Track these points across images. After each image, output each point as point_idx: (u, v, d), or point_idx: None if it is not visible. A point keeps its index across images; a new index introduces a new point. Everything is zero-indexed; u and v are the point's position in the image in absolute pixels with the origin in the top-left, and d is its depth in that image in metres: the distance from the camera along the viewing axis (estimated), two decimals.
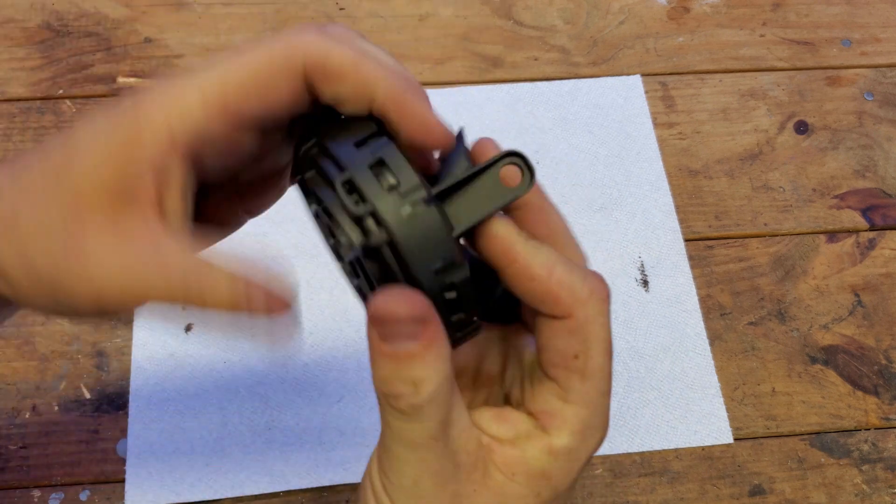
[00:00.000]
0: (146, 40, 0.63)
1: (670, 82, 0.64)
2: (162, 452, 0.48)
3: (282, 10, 0.65)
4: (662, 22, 0.67)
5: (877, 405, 0.53)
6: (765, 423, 0.52)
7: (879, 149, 0.62)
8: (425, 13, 0.66)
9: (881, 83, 0.65)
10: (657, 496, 0.49)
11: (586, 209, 0.58)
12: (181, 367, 0.51)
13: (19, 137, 0.58)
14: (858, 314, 0.56)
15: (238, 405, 0.50)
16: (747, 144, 0.62)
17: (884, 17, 0.68)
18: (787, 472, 0.50)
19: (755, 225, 0.58)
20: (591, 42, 0.66)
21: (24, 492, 0.47)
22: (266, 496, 0.48)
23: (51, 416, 0.49)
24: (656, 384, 0.52)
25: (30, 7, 0.64)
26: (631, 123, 0.62)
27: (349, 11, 0.65)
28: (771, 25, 0.67)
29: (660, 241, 0.57)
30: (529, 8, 0.67)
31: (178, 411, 0.49)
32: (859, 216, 0.59)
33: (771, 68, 0.65)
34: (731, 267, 0.57)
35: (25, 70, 0.61)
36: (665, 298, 0.55)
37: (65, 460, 0.48)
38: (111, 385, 0.50)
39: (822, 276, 0.57)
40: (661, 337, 0.54)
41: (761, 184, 0.60)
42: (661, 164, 0.60)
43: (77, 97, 0.60)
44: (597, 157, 0.60)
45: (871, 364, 0.54)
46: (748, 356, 0.54)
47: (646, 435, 0.51)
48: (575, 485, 0.27)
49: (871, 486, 0.50)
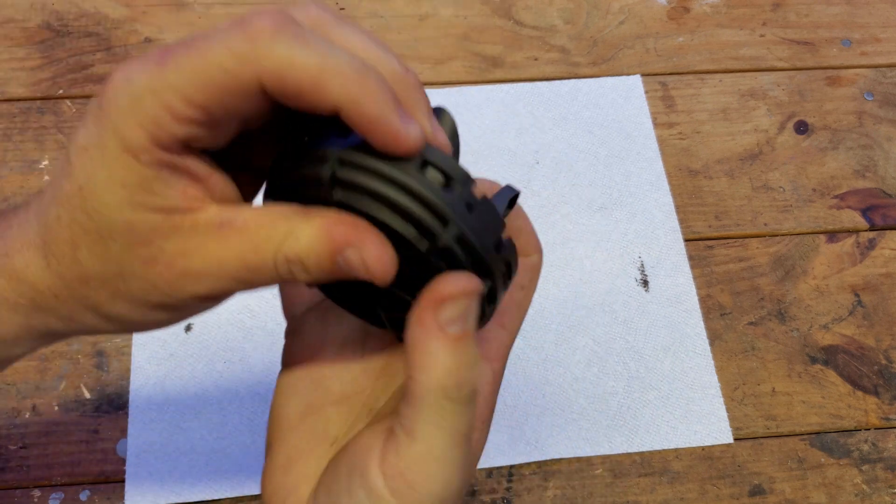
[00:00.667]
0: (146, 40, 0.63)
1: (670, 82, 0.64)
2: (162, 452, 0.48)
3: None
4: (662, 22, 0.67)
5: (877, 405, 0.53)
6: (765, 423, 0.52)
7: (879, 149, 0.62)
8: (425, 13, 0.66)
9: (881, 83, 0.65)
10: (657, 496, 0.49)
11: (586, 209, 0.58)
12: (181, 367, 0.51)
13: (19, 137, 0.58)
14: (858, 314, 0.56)
15: (238, 405, 0.50)
16: (747, 144, 0.62)
17: (884, 17, 0.68)
18: (787, 472, 0.50)
19: (755, 225, 0.58)
20: (591, 42, 0.66)
21: (24, 492, 0.47)
22: None
23: (51, 416, 0.49)
24: (656, 384, 0.52)
25: (30, 7, 0.64)
26: (631, 123, 0.62)
27: (349, 11, 0.65)
28: (771, 25, 0.67)
29: (660, 241, 0.57)
30: (529, 8, 0.67)
31: (178, 411, 0.49)
32: (859, 216, 0.59)
33: (771, 68, 0.65)
34: (731, 267, 0.57)
35: (25, 70, 0.61)
36: (665, 298, 0.55)
37: (65, 460, 0.48)
38: (111, 385, 0.50)
39: (822, 276, 0.57)
40: (661, 337, 0.54)
41: (761, 184, 0.60)
42: (661, 164, 0.60)
43: (77, 97, 0.60)
44: (597, 157, 0.60)
45: (871, 364, 0.54)
46: (748, 356, 0.54)
47: (646, 435, 0.51)
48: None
49: (871, 486, 0.50)
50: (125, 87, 0.22)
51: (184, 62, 0.21)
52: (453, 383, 0.22)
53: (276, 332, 0.52)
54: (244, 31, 0.21)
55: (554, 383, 0.52)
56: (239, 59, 0.21)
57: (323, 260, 0.22)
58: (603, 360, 0.53)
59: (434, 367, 0.22)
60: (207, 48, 0.21)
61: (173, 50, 0.21)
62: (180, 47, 0.21)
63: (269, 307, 0.53)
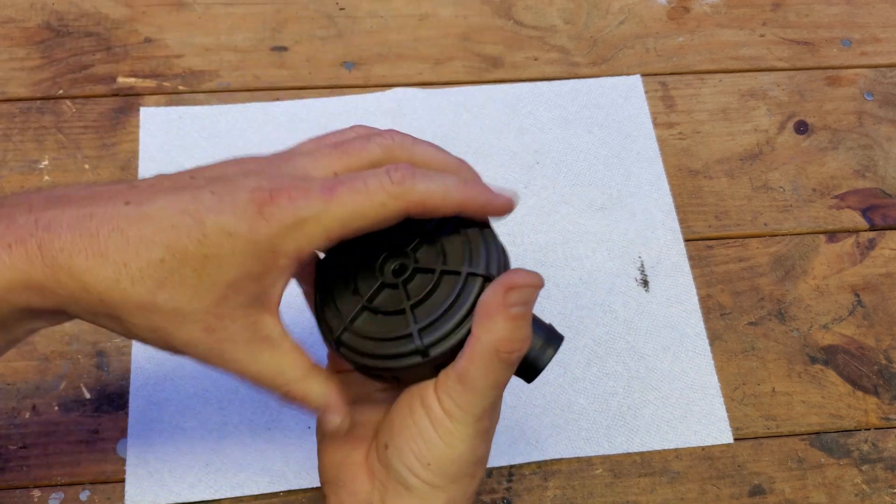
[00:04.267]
0: (146, 40, 0.63)
1: (670, 82, 0.64)
2: (162, 452, 0.48)
3: (282, 9, 0.65)
4: (662, 22, 0.67)
5: (877, 405, 0.53)
6: (765, 423, 0.52)
7: (879, 149, 0.62)
8: (425, 13, 0.66)
9: (881, 83, 0.65)
10: (657, 496, 0.49)
11: (586, 209, 0.58)
12: (181, 367, 0.51)
13: (19, 137, 0.58)
14: (858, 314, 0.56)
15: (238, 405, 0.50)
16: (747, 144, 0.62)
17: (884, 17, 0.68)
18: (787, 472, 0.50)
19: (755, 225, 0.58)
20: (591, 42, 0.66)
21: (24, 492, 0.47)
22: (266, 496, 0.48)
23: (51, 416, 0.49)
24: (656, 384, 0.52)
25: (30, 7, 0.64)
26: (631, 123, 0.62)
27: (349, 11, 0.65)
28: (771, 25, 0.67)
29: (660, 241, 0.57)
30: (529, 8, 0.67)
31: (178, 411, 0.49)
32: (859, 216, 0.59)
33: (771, 68, 0.65)
34: (731, 267, 0.57)
35: (25, 70, 0.61)
36: (665, 298, 0.55)
37: (65, 460, 0.48)
38: (111, 385, 0.50)
39: (822, 276, 0.57)
40: (661, 337, 0.54)
41: (761, 184, 0.60)
42: (661, 164, 0.60)
43: (77, 97, 0.60)
44: (597, 157, 0.60)
45: (871, 364, 0.54)
46: (748, 356, 0.54)
47: (646, 435, 0.51)
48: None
49: (871, 486, 0.50)
50: (290, 207, 0.29)
51: (347, 198, 0.30)
52: (506, 347, 0.31)
53: None
54: (391, 177, 0.30)
55: (554, 383, 0.52)
56: (393, 196, 0.30)
57: (316, 410, 0.33)
58: (603, 360, 0.53)
59: (495, 331, 0.30)
60: (366, 189, 0.30)
61: (336, 187, 0.30)
62: (342, 185, 0.30)
63: None
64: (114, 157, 0.58)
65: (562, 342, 0.34)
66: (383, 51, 0.64)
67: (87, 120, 0.59)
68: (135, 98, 0.60)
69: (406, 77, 0.63)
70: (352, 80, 0.62)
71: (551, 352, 0.33)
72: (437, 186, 0.31)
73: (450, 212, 0.32)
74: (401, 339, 0.32)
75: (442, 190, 0.31)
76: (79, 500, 0.47)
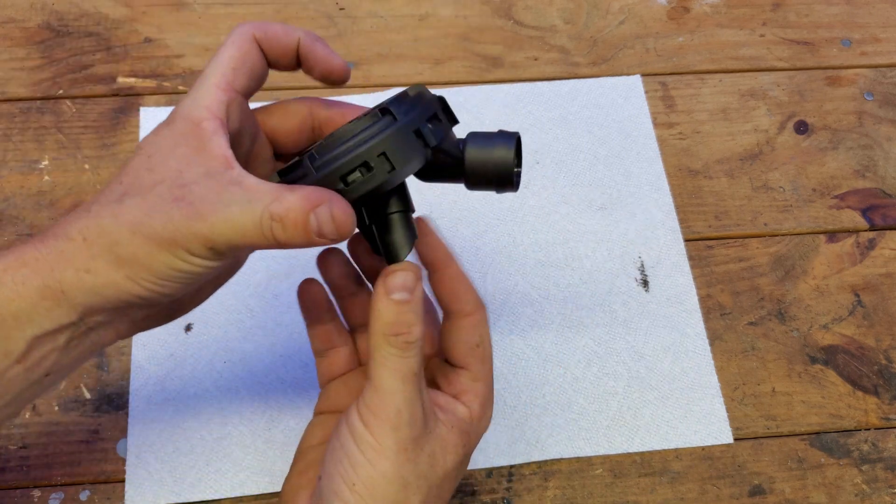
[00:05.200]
0: (146, 40, 0.63)
1: (670, 82, 0.64)
2: (162, 452, 0.48)
3: (282, 10, 0.65)
4: (662, 22, 0.67)
5: (877, 405, 0.53)
6: (765, 423, 0.52)
7: (879, 149, 0.62)
8: (425, 13, 0.66)
9: (881, 83, 0.65)
10: (657, 496, 0.49)
11: (586, 209, 0.58)
12: (181, 367, 0.51)
13: (19, 137, 0.58)
14: (858, 314, 0.56)
15: (238, 405, 0.50)
16: (747, 144, 0.62)
17: (884, 17, 0.68)
18: (787, 472, 0.50)
19: (755, 225, 0.58)
20: (591, 42, 0.66)
21: (24, 492, 0.47)
22: (266, 496, 0.48)
23: (51, 416, 0.49)
24: (656, 384, 0.52)
25: (30, 7, 0.64)
26: (631, 123, 0.62)
27: (349, 11, 0.65)
28: (771, 25, 0.67)
29: (660, 241, 0.57)
30: (529, 8, 0.67)
31: (178, 411, 0.49)
32: (859, 216, 0.59)
33: (771, 68, 0.65)
34: (731, 267, 0.57)
35: (25, 70, 0.61)
36: (665, 298, 0.55)
37: (65, 460, 0.48)
38: (111, 385, 0.50)
39: (822, 276, 0.57)
40: (661, 337, 0.54)
41: (761, 184, 0.60)
42: (661, 163, 0.60)
43: (77, 97, 0.60)
44: (597, 157, 0.60)
45: (871, 364, 0.54)
46: (748, 356, 0.54)
47: (646, 435, 0.51)
48: (473, 451, 0.38)
49: (871, 486, 0.50)
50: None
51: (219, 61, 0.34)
52: (392, 331, 0.32)
53: (275, 332, 0.52)
54: (233, 34, 0.35)
55: (554, 383, 0.52)
56: (242, 36, 0.35)
57: (299, 218, 0.30)
58: (603, 360, 0.53)
59: (380, 317, 0.33)
60: (222, 51, 0.35)
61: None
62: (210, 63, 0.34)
63: (269, 307, 0.53)
64: (114, 157, 0.58)
65: (515, 138, 0.35)
66: (383, 51, 0.64)
67: (87, 120, 0.59)
68: (135, 98, 0.60)
69: (406, 77, 0.63)
70: (352, 80, 0.62)
71: (503, 150, 0.35)
72: (279, 27, 0.35)
73: (291, 50, 0.35)
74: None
75: (281, 30, 0.35)
76: (79, 500, 0.47)
